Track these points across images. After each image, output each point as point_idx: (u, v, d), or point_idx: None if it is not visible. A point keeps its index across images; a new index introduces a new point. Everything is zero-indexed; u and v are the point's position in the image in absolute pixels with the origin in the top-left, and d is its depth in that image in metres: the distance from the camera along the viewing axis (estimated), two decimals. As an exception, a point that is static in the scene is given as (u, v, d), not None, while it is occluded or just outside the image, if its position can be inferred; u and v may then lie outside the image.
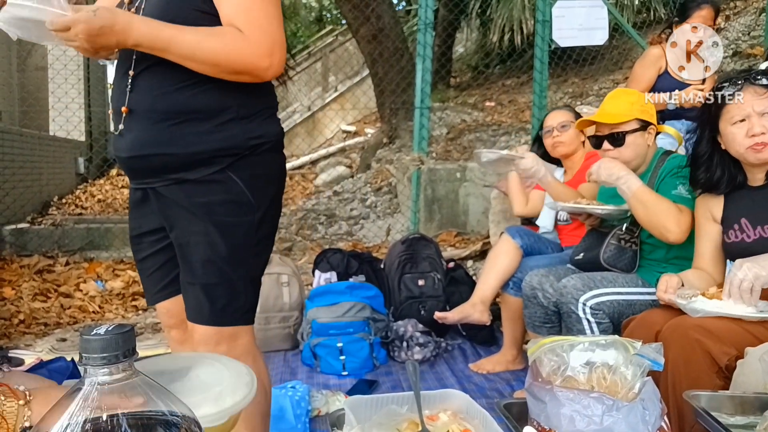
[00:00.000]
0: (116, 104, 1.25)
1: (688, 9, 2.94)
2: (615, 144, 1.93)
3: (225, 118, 1.20)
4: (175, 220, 1.24)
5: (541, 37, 4.13)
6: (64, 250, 4.23)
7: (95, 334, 0.49)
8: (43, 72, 6.04)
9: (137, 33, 1.12)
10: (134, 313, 3.44)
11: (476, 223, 4.33)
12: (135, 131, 1.22)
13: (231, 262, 1.22)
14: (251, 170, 1.22)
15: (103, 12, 1.09)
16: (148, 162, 1.23)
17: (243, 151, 1.21)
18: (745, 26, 6.58)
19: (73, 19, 1.07)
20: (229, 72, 1.18)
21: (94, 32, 1.09)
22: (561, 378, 0.90)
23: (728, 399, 1.02)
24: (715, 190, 1.61)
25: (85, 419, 0.48)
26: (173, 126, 1.20)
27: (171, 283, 1.34)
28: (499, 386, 2.29)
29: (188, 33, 1.15)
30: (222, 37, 1.15)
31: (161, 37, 1.13)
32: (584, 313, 1.80)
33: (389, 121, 6.46)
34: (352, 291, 2.61)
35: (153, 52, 1.15)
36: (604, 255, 1.94)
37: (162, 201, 1.25)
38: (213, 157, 1.20)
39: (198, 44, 1.14)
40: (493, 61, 8.43)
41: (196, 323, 1.25)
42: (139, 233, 1.35)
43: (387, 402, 0.93)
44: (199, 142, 1.19)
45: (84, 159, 6.21)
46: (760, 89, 1.48)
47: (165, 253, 1.33)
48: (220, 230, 1.21)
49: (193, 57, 1.15)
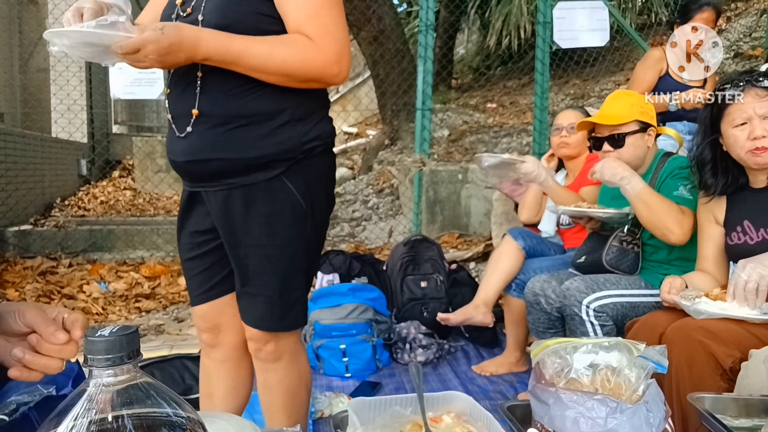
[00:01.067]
0: (182, 107, 1.24)
1: (690, 11, 2.94)
2: (615, 145, 1.93)
3: (281, 121, 1.20)
4: (230, 227, 1.24)
5: (543, 38, 4.13)
6: (67, 252, 4.24)
7: (100, 335, 0.50)
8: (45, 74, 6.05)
9: (206, 47, 1.11)
10: (137, 315, 3.44)
11: (478, 224, 4.32)
12: (195, 136, 1.22)
13: (287, 272, 1.24)
14: (305, 176, 1.23)
15: (170, 29, 1.09)
16: (206, 166, 1.22)
17: (297, 155, 1.21)
18: (747, 27, 6.58)
19: (142, 40, 1.06)
20: (299, 81, 1.18)
21: (164, 51, 1.08)
22: (564, 380, 0.90)
23: (732, 401, 1.01)
24: (717, 193, 1.60)
25: (90, 420, 0.48)
26: (232, 130, 1.19)
27: (213, 287, 1.35)
28: (503, 388, 2.28)
29: (259, 44, 1.14)
30: (292, 47, 1.15)
31: (231, 51, 1.12)
32: (587, 316, 1.80)
33: (391, 123, 6.46)
34: (354, 293, 2.61)
35: (222, 65, 1.14)
36: (607, 257, 1.93)
37: (217, 205, 1.25)
38: (270, 162, 1.20)
39: (269, 56, 1.13)
40: (494, 62, 8.43)
41: (252, 327, 1.28)
42: (188, 232, 1.35)
43: (390, 404, 0.93)
44: (255, 147, 1.19)
45: (86, 161, 6.21)
46: (761, 91, 1.48)
47: (212, 255, 1.33)
48: (275, 242, 1.22)
49: (264, 69, 1.15)
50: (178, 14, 1.24)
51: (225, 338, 1.39)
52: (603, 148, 1.96)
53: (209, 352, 1.42)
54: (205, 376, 1.45)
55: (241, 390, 1.44)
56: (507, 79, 7.87)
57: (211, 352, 1.42)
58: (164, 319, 3.35)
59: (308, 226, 1.24)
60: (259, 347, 1.30)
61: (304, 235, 1.24)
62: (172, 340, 2.92)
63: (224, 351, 1.40)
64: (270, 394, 1.35)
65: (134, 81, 3.86)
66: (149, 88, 3.91)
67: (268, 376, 1.34)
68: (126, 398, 0.49)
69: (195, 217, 1.33)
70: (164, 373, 2.11)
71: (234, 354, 1.41)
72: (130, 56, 1.08)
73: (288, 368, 1.32)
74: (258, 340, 1.30)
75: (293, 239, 1.23)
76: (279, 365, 1.32)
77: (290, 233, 1.23)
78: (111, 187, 6.16)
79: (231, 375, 1.42)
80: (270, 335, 1.29)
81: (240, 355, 1.41)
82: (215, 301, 1.36)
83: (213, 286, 1.36)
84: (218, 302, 1.36)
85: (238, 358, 1.41)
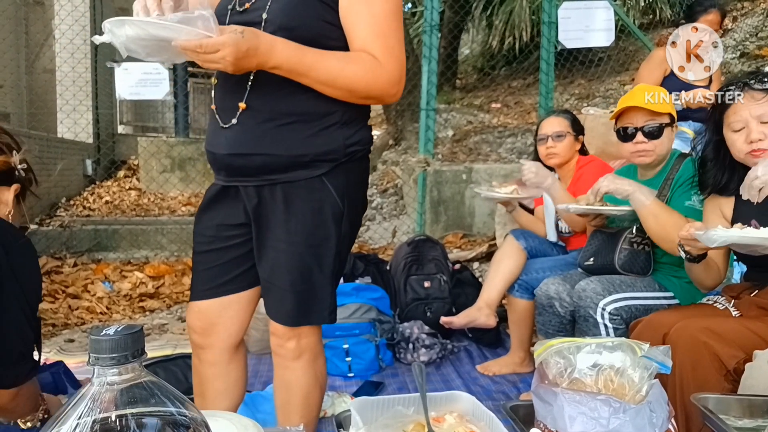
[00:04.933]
0: (229, 99, 1.23)
1: (695, 13, 2.93)
2: (651, 136, 1.86)
3: (329, 123, 1.22)
4: (267, 222, 1.25)
5: (547, 38, 4.13)
6: (71, 252, 4.26)
7: (105, 334, 0.50)
8: (51, 74, 6.08)
9: (279, 56, 1.12)
10: (141, 315, 3.45)
11: (482, 224, 4.32)
12: (240, 129, 1.22)
13: (317, 270, 1.25)
14: (345, 178, 1.25)
15: (249, 34, 1.08)
16: (248, 160, 1.22)
17: (340, 157, 1.23)
18: (753, 27, 6.55)
19: (223, 42, 1.04)
20: (360, 97, 1.21)
21: (241, 55, 1.07)
22: (568, 380, 0.90)
23: (736, 402, 1.01)
24: (724, 192, 1.60)
25: (94, 419, 0.48)
26: (280, 127, 1.20)
27: (223, 284, 1.35)
28: (506, 388, 2.28)
29: (330, 59, 1.15)
30: (361, 65, 1.17)
31: (304, 62, 1.13)
32: (602, 318, 1.78)
33: (395, 123, 6.46)
34: (358, 292, 2.61)
35: (290, 75, 1.15)
36: (619, 261, 1.89)
37: (256, 200, 1.25)
38: (313, 161, 1.21)
39: (340, 71, 1.16)
40: (498, 62, 8.41)
41: (278, 322, 1.29)
42: (214, 225, 1.33)
43: (393, 403, 0.93)
44: (301, 145, 1.20)
45: (92, 161, 6.24)
46: (757, 94, 1.47)
47: (235, 250, 1.33)
48: (310, 241, 1.23)
49: (332, 83, 1.16)
50: (235, 7, 1.24)
51: (216, 340, 1.37)
52: (635, 139, 1.88)
53: (199, 353, 1.40)
54: (196, 376, 1.44)
55: (234, 391, 1.43)
56: (512, 79, 7.85)
57: (201, 354, 1.40)
58: (168, 318, 3.36)
59: (343, 227, 1.26)
60: (281, 343, 1.31)
61: (338, 235, 1.26)
62: (175, 340, 2.93)
63: (214, 353, 1.38)
64: (286, 392, 1.36)
65: (139, 81, 3.87)
66: (154, 88, 3.92)
67: (287, 373, 1.34)
68: (130, 397, 0.49)
69: (225, 210, 1.32)
70: (168, 372, 2.12)
71: (224, 356, 1.39)
72: (207, 56, 1.05)
73: (306, 368, 1.34)
74: (281, 336, 1.30)
75: (328, 239, 1.25)
76: (298, 364, 1.33)
77: (326, 233, 1.24)
78: (116, 187, 6.18)
79: (222, 377, 1.40)
80: (292, 333, 1.29)
81: (230, 357, 1.40)
82: (218, 299, 1.35)
83: (224, 283, 1.35)
84: (221, 300, 1.35)
85: (227, 361, 1.40)
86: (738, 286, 1.58)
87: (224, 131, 1.24)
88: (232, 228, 1.32)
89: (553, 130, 2.43)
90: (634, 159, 1.93)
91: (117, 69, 3.83)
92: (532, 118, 6.03)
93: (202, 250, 1.36)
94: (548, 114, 2.68)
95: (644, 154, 1.89)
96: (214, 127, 1.28)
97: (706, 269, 1.56)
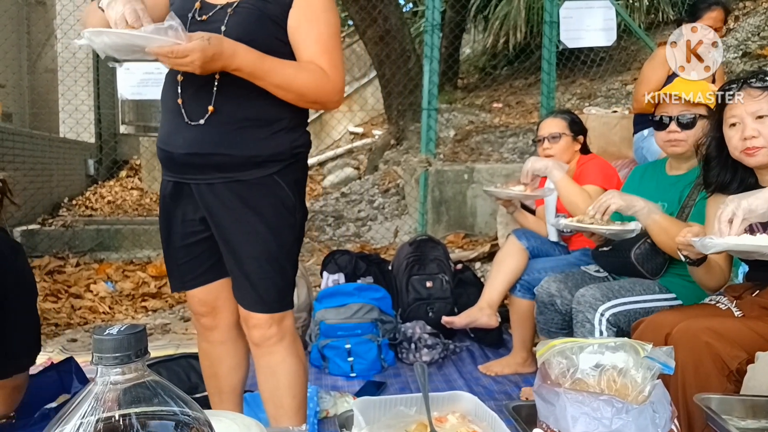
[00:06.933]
0: (195, 99, 1.34)
1: (699, 10, 2.92)
2: (684, 126, 1.81)
3: (279, 128, 1.36)
4: (222, 218, 1.36)
5: (549, 38, 4.12)
6: (74, 252, 4.27)
7: (108, 334, 0.50)
8: (53, 74, 6.09)
9: (241, 60, 1.26)
10: (144, 314, 3.46)
11: (484, 224, 4.32)
12: (206, 129, 1.33)
13: (280, 258, 1.38)
14: (293, 175, 1.40)
15: (215, 40, 1.22)
16: (207, 160, 1.34)
17: (288, 158, 1.38)
18: (755, 27, 6.53)
19: (192, 47, 1.18)
20: (308, 101, 1.37)
21: (208, 59, 1.21)
22: (570, 380, 0.90)
23: (739, 402, 1.01)
24: (727, 191, 1.59)
25: (97, 418, 0.48)
26: (239, 129, 1.33)
27: (204, 272, 1.46)
28: (508, 388, 2.28)
29: (286, 66, 1.31)
30: (312, 74, 1.33)
31: (262, 67, 1.28)
32: (599, 324, 1.76)
33: (397, 123, 6.45)
34: (360, 292, 2.61)
35: (250, 78, 1.29)
36: (636, 251, 1.81)
37: (210, 197, 1.36)
38: (265, 161, 1.35)
39: (294, 77, 1.32)
40: (500, 62, 8.41)
41: (251, 311, 1.40)
42: (180, 221, 1.44)
43: (395, 404, 0.93)
44: (255, 147, 1.34)
45: (94, 161, 6.25)
46: (755, 91, 1.48)
47: (203, 244, 1.44)
48: (270, 230, 1.36)
49: (287, 87, 1.32)
50: (194, 17, 1.35)
51: (221, 320, 1.50)
52: (669, 128, 1.83)
53: (207, 335, 1.53)
54: (206, 359, 1.56)
55: (242, 364, 1.57)
56: (513, 78, 7.85)
57: (210, 335, 1.52)
58: (170, 318, 3.36)
59: (297, 218, 1.40)
60: (264, 332, 1.40)
61: (293, 225, 1.40)
62: (178, 339, 2.93)
63: (222, 332, 1.52)
64: (274, 377, 1.45)
65: (141, 81, 3.87)
66: (156, 88, 3.92)
67: (272, 358, 1.44)
68: (133, 396, 0.50)
69: (183, 207, 1.42)
70: (170, 371, 2.12)
71: (231, 334, 1.53)
72: (177, 60, 1.20)
73: (289, 348, 1.44)
74: (263, 326, 1.40)
75: (285, 228, 1.38)
76: (281, 346, 1.43)
77: (284, 223, 1.38)
78: (118, 186, 6.19)
79: (231, 353, 1.54)
80: (273, 319, 1.39)
81: (236, 334, 1.53)
82: (209, 285, 1.47)
83: (204, 272, 1.46)
84: (212, 286, 1.47)
85: (234, 338, 1.53)
86: (740, 286, 1.58)
87: (187, 129, 1.34)
88: (197, 223, 1.42)
89: (548, 132, 2.42)
90: (667, 148, 1.89)
91: (119, 69, 3.83)
92: (533, 118, 6.02)
93: (179, 245, 1.46)
94: (548, 115, 2.68)
95: (676, 144, 1.85)
96: (175, 123, 1.37)
97: (708, 271, 1.56)
